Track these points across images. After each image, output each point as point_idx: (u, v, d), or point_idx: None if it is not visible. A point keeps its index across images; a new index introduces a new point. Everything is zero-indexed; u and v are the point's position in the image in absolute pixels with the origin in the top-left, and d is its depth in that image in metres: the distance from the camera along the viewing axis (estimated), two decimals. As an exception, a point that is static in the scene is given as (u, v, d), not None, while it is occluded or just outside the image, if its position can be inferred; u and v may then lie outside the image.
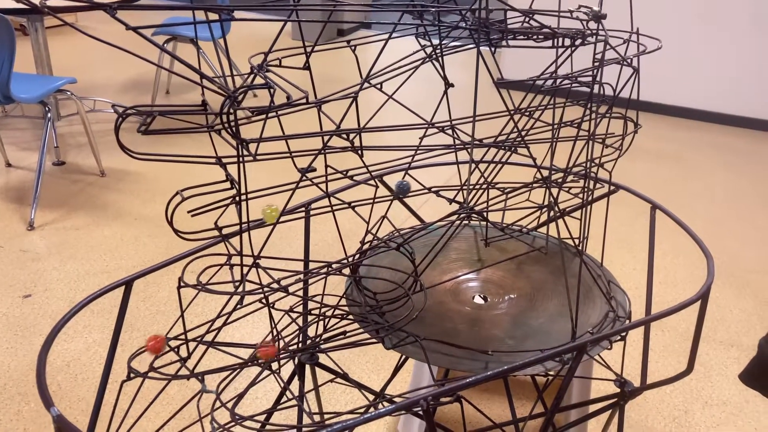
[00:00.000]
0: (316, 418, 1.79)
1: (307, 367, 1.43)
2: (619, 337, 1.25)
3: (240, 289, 1.02)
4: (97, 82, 4.95)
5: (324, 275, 1.14)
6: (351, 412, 0.91)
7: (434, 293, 1.34)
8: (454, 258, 1.48)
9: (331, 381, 1.49)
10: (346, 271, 1.36)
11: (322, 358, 2.25)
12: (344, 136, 1.07)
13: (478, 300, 1.33)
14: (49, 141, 3.73)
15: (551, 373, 1.24)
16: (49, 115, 3.19)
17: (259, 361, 1.04)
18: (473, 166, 1.43)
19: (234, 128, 0.89)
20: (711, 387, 2.19)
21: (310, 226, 1.44)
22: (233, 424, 0.96)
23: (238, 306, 1.06)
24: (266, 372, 2.10)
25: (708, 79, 4.65)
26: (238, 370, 1.07)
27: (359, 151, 1.09)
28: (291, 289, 1.07)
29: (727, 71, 4.58)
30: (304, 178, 1.03)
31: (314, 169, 1.03)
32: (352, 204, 1.24)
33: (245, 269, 1.02)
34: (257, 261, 1.04)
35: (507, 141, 1.22)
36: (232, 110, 0.87)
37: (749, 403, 2.12)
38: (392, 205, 3.12)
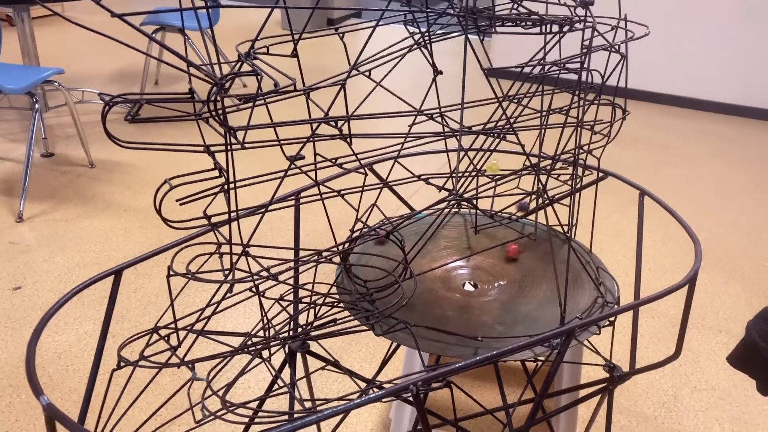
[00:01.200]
0: (308, 405, 1.80)
1: (299, 356, 1.43)
2: (607, 322, 1.26)
3: (230, 278, 1.02)
4: (85, 72, 4.91)
5: (314, 263, 1.14)
6: (341, 398, 0.92)
7: (424, 280, 1.35)
8: (443, 245, 1.48)
9: (323, 369, 1.50)
10: (336, 259, 1.36)
11: (314, 346, 2.26)
12: (333, 123, 1.07)
13: (468, 287, 1.34)
14: (37, 132, 3.71)
15: (540, 358, 1.25)
16: (36, 106, 3.17)
17: (250, 349, 1.04)
18: (462, 153, 1.43)
19: (221, 116, 0.88)
20: (700, 372, 2.21)
21: (300, 215, 1.43)
22: (224, 411, 0.96)
23: (228, 294, 1.06)
24: (257, 360, 2.10)
25: (697, 67, 4.67)
26: (228, 358, 1.07)
27: (348, 139, 1.09)
28: (281, 277, 1.07)
29: (715, 59, 4.60)
30: (292, 166, 1.03)
31: (303, 157, 1.03)
32: (342, 192, 1.24)
33: (235, 258, 1.02)
34: (246, 249, 1.04)
35: (496, 128, 1.22)
36: (219, 98, 0.86)
37: (737, 387, 2.14)
38: (382, 193, 3.12)
